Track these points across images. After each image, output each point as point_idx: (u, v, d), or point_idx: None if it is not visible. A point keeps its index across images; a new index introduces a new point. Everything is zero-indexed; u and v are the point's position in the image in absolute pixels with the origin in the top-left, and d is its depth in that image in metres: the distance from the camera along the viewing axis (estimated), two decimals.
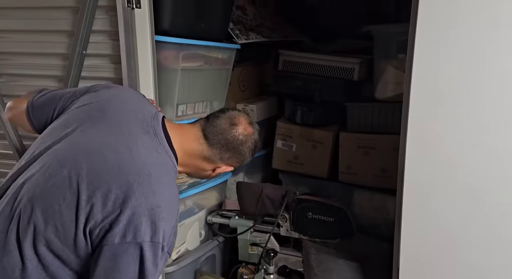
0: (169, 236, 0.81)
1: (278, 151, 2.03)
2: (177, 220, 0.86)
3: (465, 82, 1.02)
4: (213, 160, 0.99)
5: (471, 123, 1.03)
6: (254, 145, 1.02)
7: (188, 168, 1.01)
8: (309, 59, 1.95)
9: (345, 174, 1.90)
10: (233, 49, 1.75)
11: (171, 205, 0.84)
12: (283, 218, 1.58)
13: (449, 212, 1.08)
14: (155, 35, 1.35)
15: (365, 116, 1.88)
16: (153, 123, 0.92)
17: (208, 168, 1.01)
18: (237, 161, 1.01)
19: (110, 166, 0.80)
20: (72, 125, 0.89)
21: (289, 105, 2.01)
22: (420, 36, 1.03)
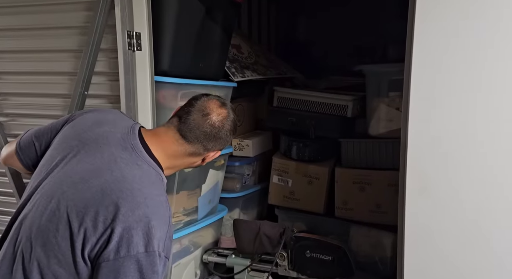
0: (164, 242, 0.84)
1: (274, 186, 2.03)
2: (170, 224, 0.87)
3: (462, 120, 1.04)
4: (198, 153, 1.00)
5: (468, 160, 1.05)
6: (233, 125, 1.03)
7: (177, 167, 1.04)
8: (304, 96, 1.99)
9: (341, 209, 1.90)
10: (230, 87, 1.79)
11: (160, 212, 0.86)
12: (281, 257, 1.56)
13: (452, 249, 1.08)
14: (154, 75, 1.39)
15: (359, 152, 1.91)
16: (130, 138, 0.94)
17: (197, 160, 1.03)
18: (222, 145, 1.02)
19: (94, 190, 0.84)
20: (55, 159, 0.92)
21: (285, 140, 2.03)
22: (416, 77, 1.07)
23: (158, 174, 0.93)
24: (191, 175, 1.61)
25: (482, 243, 1.06)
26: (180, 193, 1.58)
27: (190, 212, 1.66)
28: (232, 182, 2.02)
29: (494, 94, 1.02)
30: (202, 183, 1.70)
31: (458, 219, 1.07)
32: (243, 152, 2.13)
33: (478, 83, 1.03)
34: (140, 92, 1.33)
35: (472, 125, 1.05)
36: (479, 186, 1.04)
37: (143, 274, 0.80)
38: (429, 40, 1.05)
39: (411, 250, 1.10)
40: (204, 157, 1.02)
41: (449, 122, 1.06)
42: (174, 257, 1.58)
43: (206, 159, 1.03)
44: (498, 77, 1.02)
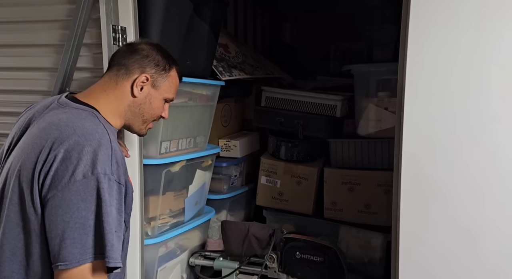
0: (110, 166, 0.85)
1: (262, 187, 2.00)
2: (114, 149, 0.88)
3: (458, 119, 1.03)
4: (123, 77, 0.98)
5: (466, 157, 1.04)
6: (154, 47, 1.04)
7: (118, 109, 0.99)
8: (292, 96, 1.97)
9: (330, 210, 1.89)
10: (218, 86, 1.75)
11: (95, 138, 0.87)
12: (270, 259, 1.52)
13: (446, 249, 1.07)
14: None
15: (348, 152, 1.89)
16: (55, 99, 0.99)
17: (127, 87, 0.98)
18: (142, 62, 1.00)
19: (26, 146, 0.91)
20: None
21: (273, 141, 2.01)
22: (411, 77, 1.05)
23: (91, 112, 0.94)
24: (177, 175, 1.56)
25: (479, 242, 1.05)
26: (166, 194, 1.53)
27: (176, 213, 1.61)
28: (219, 183, 1.97)
29: (491, 90, 1.02)
30: (189, 183, 1.65)
31: (454, 217, 1.05)
32: (230, 152, 2.09)
33: (474, 80, 1.03)
34: None
35: (468, 122, 1.04)
36: (477, 183, 1.03)
37: (99, 198, 0.82)
38: (423, 37, 1.04)
39: (405, 250, 1.08)
40: (131, 82, 0.98)
41: (445, 119, 1.05)
42: (160, 261, 1.52)
43: (135, 87, 0.98)
44: (494, 74, 1.01)
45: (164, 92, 1.04)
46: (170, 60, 1.05)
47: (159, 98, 1.04)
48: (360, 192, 1.83)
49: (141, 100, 1.00)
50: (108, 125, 0.95)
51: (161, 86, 1.03)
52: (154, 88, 1.02)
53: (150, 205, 1.46)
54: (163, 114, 1.08)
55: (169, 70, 1.04)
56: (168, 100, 1.08)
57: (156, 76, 1.01)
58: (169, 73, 1.04)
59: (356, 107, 1.90)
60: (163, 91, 1.04)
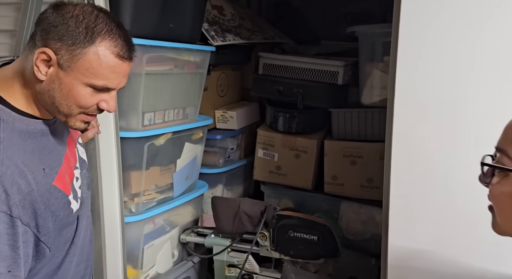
0: None
1: (259, 161, 1.89)
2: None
3: (452, 86, 0.93)
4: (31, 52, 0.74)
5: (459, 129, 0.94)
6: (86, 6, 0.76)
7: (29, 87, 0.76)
8: (291, 62, 1.82)
9: (330, 184, 1.77)
10: (207, 52, 1.61)
11: None
12: (262, 236, 1.44)
13: (437, 222, 0.97)
14: None
15: (350, 123, 1.75)
16: None
17: (29, 62, 0.74)
18: (54, 33, 0.72)
19: None
20: None
21: (270, 111, 1.87)
22: (404, 37, 0.92)
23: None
24: (163, 149, 1.47)
25: (474, 218, 0.94)
26: (151, 169, 1.44)
27: (164, 189, 1.53)
28: (213, 157, 1.87)
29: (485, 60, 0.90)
30: (176, 157, 1.55)
31: (449, 194, 0.95)
32: (227, 124, 1.98)
33: (471, 49, 0.91)
34: None
35: (462, 91, 0.94)
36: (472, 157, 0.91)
37: None
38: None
39: (396, 225, 0.98)
40: (33, 56, 0.73)
41: (439, 89, 0.95)
42: (146, 238, 1.46)
43: (34, 67, 0.73)
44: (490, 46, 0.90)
45: (81, 76, 0.73)
46: (93, 30, 0.72)
47: (75, 84, 0.74)
48: (363, 165, 1.70)
49: (48, 85, 0.74)
50: (22, 125, 0.74)
51: (73, 67, 0.72)
52: (63, 70, 0.72)
53: (132, 180, 1.38)
54: (104, 106, 0.77)
55: (85, 45, 0.71)
56: (100, 88, 0.75)
57: (62, 53, 0.72)
58: (85, 49, 0.72)
59: (360, 73, 1.73)
60: (78, 74, 0.73)
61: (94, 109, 0.78)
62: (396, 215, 0.99)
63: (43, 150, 0.77)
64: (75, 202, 0.84)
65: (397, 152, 0.97)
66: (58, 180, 0.78)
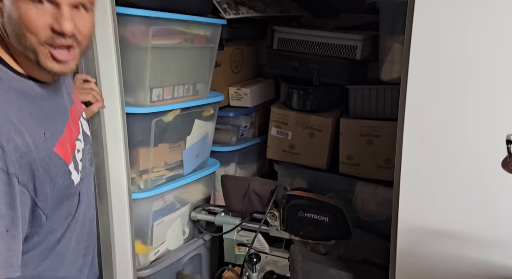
0: None
1: (272, 139, 1.84)
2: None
3: (472, 57, 0.85)
4: None
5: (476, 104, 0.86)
6: None
7: None
8: (307, 37, 1.73)
9: (346, 164, 1.71)
10: (218, 25, 1.54)
11: None
12: (272, 216, 1.40)
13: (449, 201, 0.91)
14: (118, 6, 1.17)
15: (368, 101, 1.67)
16: None
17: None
18: None
19: None
20: None
21: (284, 88, 1.81)
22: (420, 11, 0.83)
23: None
24: (171, 126, 1.44)
25: (487, 195, 0.88)
26: (160, 146, 1.41)
27: (173, 166, 1.51)
28: (226, 134, 1.84)
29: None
30: (186, 134, 1.52)
31: (460, 168, 0.87)
32: (241, 101, 1.93)
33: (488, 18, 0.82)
34: (99, 27, 1.12)
35: (479, 63, 0.85)
36: (486, 131, 0.84)
37: None
38: None
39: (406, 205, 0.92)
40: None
41: (457, 58, 0.86)
42: (156, 215, 1.45)
43: None
44: None
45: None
46: None
47: (16, 4, 0.65)
48: (380, 145, 1.62)
49: (2, 21, 0.68)
50: (20, 85, 0.70)
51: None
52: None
53: (140, 157, 1.36)
54: (55, 26, 0.67)
55: None
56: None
57: None
58: None
59: (380, 48, 1.63)
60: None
61: (49, 36, 0.68)
62: (407, 194, 0.93)
63: (42, 114, 0.74)
64: (76, 173, 0.81)
65: (410, 128, 0.89)
66: (59, 146, 0.76)
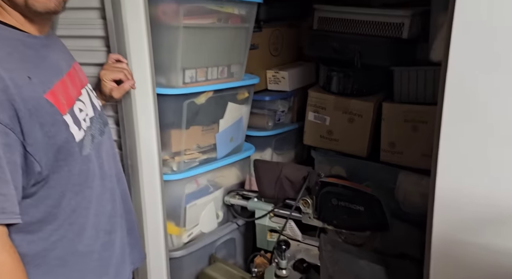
0: None
1: (309, 124, 1.77)
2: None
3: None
4: None
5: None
6: None
7: None
8: (347, 15, 1.62)
9: (388, 152, 1.60)
10: (254, 4, 1.49)
11: None
12: (305, 203, 1.35)
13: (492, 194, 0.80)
14: None
15: (416, 84, 1.53)
16: None
17: None
18: None
19: None
20: None
21: (323, 71, 1.72)
22: None
23: None
24: (204, 108, 1.42)
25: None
26: (191, 128, 1.40)
27: (206, 149, 1.50)
28: (262, 119, 1.80)
29: None
30: (219, 117, 1.50)
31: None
32: (279, 85, 1.88)
33: None
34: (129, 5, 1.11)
35: None
36: None
37: None
38: None
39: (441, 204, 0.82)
40: None
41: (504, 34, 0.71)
42: (189, 198, 1.45)
43: None
44: None
45: None
46: None
47: None
48: (426, 131, 1.49)
49: None
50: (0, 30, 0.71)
51: None
52: None
53: (172, 139, 1.36)
54: None
55: None
56: None
57: None
58: None
59: (431, 25, 1.49)
60: None
61: None
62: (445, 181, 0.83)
63: (26, 59, 0.74)
64: (77, 128, 0.79)
65: (451, 111, 0.78)
66: (50, 95, 0.75)
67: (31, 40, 0.76)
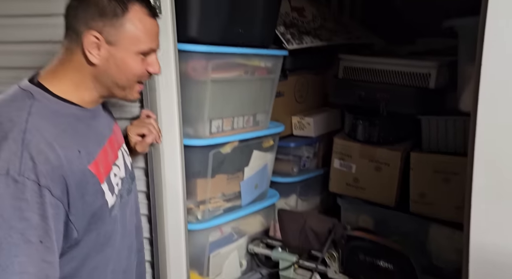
0: (20, 161, 0.66)
1: (335, 171, 1.75)
2: (25, 143, 0.68)
3: None
4: (75, 42, 0.76)
5: None
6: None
7: (76, 77, 0.78)
8: (373, 64, 1.64)
9: (418, 203, 1.54)
10: (279, 56, 1.54)
11: (3, 129, 0.69)
12: (330, 256, 1.31)
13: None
14: (180, 43, 1.22)
15: (445, 133, 1.50)
16: None
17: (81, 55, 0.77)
18: (90, 14, 0.74)
19: None
20: None
21: (349, 118, 1.72)
22: None
23: (27, 93, 0.75)
24: (229, 157, 1.44)
25: None
26: (217, 177, 1.42)
27: (231, 197, 1.50)
28: (287, 165, 1.80)
29: None
30: (244, 165, 1.51)
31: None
32: (304, 131, 1.89)
33: None
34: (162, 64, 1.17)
35: None
36: None
37: None
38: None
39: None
40: (82, 48, 0.75)
41: None
42: (213, 246, 1.44)
43: (88, 53, 0.75)
44: None
45: (130, 45, 0.76)
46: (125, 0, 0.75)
47: (128, 56, 0.77)
48: (459, 184, 1.43)
49: (103, 66, 0.77)
50: (56, 106, 0.75)
51: (120, 39, 0.75)
52: (113, 46, 0.76)
53: (198, 188, 1.38)
54: (151, 70, 0.82)
55: (123, 13, 0.75)
56: (147, 52, 0.80)
57: (107, 29, 0.74)
58: (124, 17, 0.75)
59: (459, 75, 1.47)
60: (128, 44, 0.76)
61: (146, 75, 0.84)
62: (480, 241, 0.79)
63: (78, 133, 0.78)
64: (110, 195, 0.82)
65: (481, 163, 0.75)
66: (94, 165, 0.78)
67: (83, 113, 0.81)
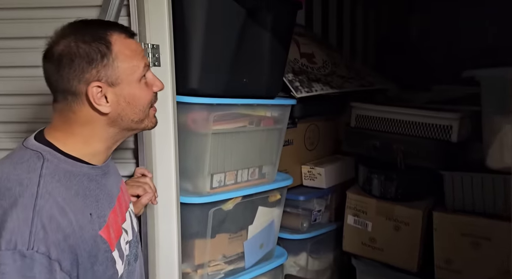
0: (29, 235, 0.62)
1: (349, 228, 1.60)
2: (36, 209, 0.64)
3: None
4: (70, 93, 0.71)
5: None
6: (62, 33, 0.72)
7: (87, 132, 0.74)
8: (389, 114, 1.53)
9: (443, 269, 1.37)
10: (287, 106, 1.45)
11: (13, 194, 0.65)
12: None
13: None
14: (180, 96, 1.15)
15: (471, 191, 1.35)
16: None
17: (90, 112, 0.73)
18: (81, 68, 0.70)
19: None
20: None
21: (363, 171, 1.59)
22: None
23: (37, 154, 0.71)
24: (231, 215, 1.31)
25: None
26: (217, 237, 1.29)
27: (233, 259, 1.36)
28: (296, 219, 1.65)
29: None
30: (248, 223, 1.38)
31: None
32: (315, 181, 1.76)
33: None
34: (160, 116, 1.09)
35: None
36: None
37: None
38: None
39: None
40: (89, 104, 0.72)
41: None
42: None
43: (97, 106, 0.72)
44: None
45: (130, 75, 0.73)
46: (97, 35, 0.71)
47: (134, 87, 0.74)
48: (492, 250, 1.27)
49: (116, 110, 0.73)
50: (68, 166, 0.71)
51: (120, 75, 0.72)
52: (116, 85, 0.72)
53: (196, 250, 1.24)
54: (155, 89, 0.80)
55: (109, 48, 0.71)
56: (144, 73, 0.77)
57: (103, 73, 0.71)
58: (112, 51, 0.71)
59: (484, 128, 1.35)
60: (128, 76, 0.73)
61: (155, 97, 0.82)
62: None
63: (89, 195, 0.73)
64: (121, 262, 0.76)
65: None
66: (105, 230, 0.73)
67: (94, 172, 0.76)
